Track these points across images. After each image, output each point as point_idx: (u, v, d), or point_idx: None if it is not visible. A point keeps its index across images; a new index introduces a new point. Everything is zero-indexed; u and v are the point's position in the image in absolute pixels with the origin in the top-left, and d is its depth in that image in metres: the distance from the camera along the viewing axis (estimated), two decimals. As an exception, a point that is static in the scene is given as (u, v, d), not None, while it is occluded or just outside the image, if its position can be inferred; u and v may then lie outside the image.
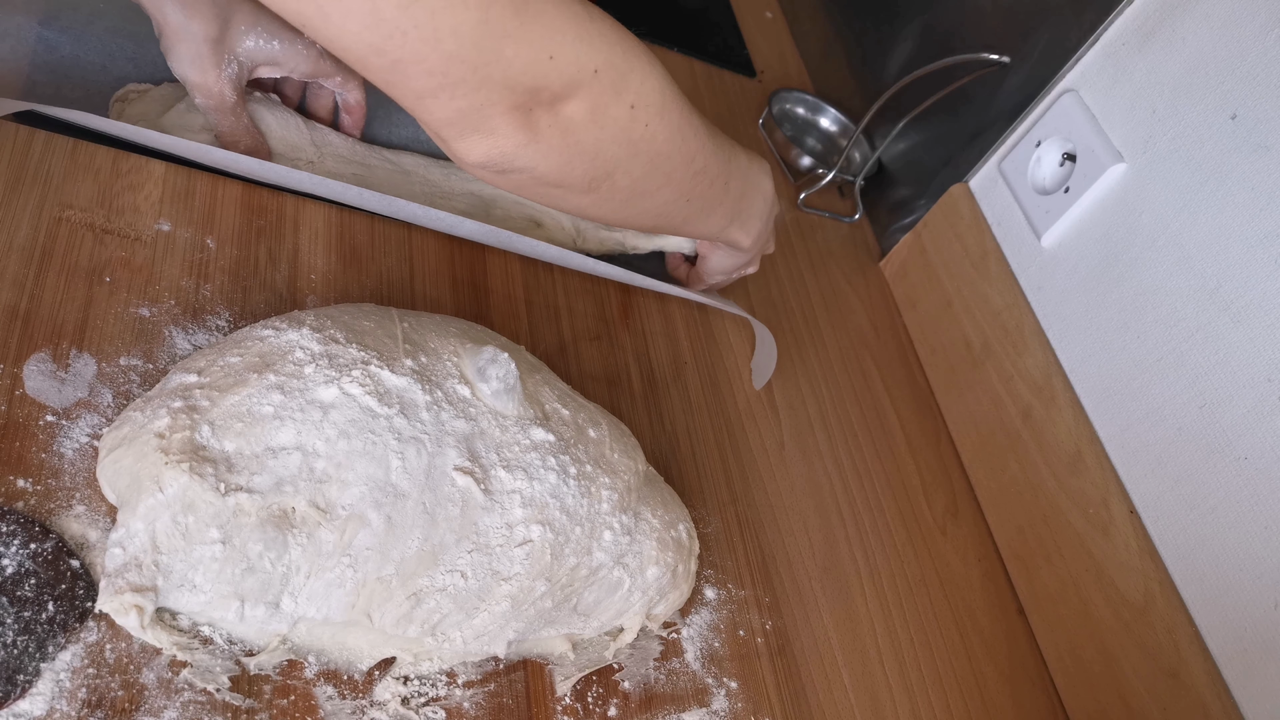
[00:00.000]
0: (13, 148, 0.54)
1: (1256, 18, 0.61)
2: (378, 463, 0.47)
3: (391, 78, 0.42)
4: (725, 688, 0.56)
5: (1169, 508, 0.64)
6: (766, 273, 0.83)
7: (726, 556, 0.62)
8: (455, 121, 0.44)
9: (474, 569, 0.47)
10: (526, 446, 0.50)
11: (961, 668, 0.67)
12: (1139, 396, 0.67)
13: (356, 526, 0.45)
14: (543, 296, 0.69)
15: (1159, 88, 0.67)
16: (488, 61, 0.42)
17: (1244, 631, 0.59)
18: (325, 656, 0.46)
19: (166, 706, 0.41)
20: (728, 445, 0.69)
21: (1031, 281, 0.77)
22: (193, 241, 0.57)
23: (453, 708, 0.47)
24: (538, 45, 0.43)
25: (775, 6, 1.16)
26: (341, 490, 0.45)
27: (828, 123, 1.02)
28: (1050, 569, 0.71)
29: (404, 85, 0.43)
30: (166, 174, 0.58)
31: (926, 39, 0.91)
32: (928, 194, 0.88)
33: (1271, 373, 0.59)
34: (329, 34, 0.41)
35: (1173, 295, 0.65)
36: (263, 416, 0.45)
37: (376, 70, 0.42)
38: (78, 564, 0.43)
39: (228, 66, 0.57)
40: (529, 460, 0.50)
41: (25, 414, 0.46)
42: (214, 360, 0.48)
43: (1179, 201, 0.65)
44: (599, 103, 0.47)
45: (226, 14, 0.56)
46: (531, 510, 0.49)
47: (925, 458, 0.79)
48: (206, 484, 0.43)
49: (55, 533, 0.43)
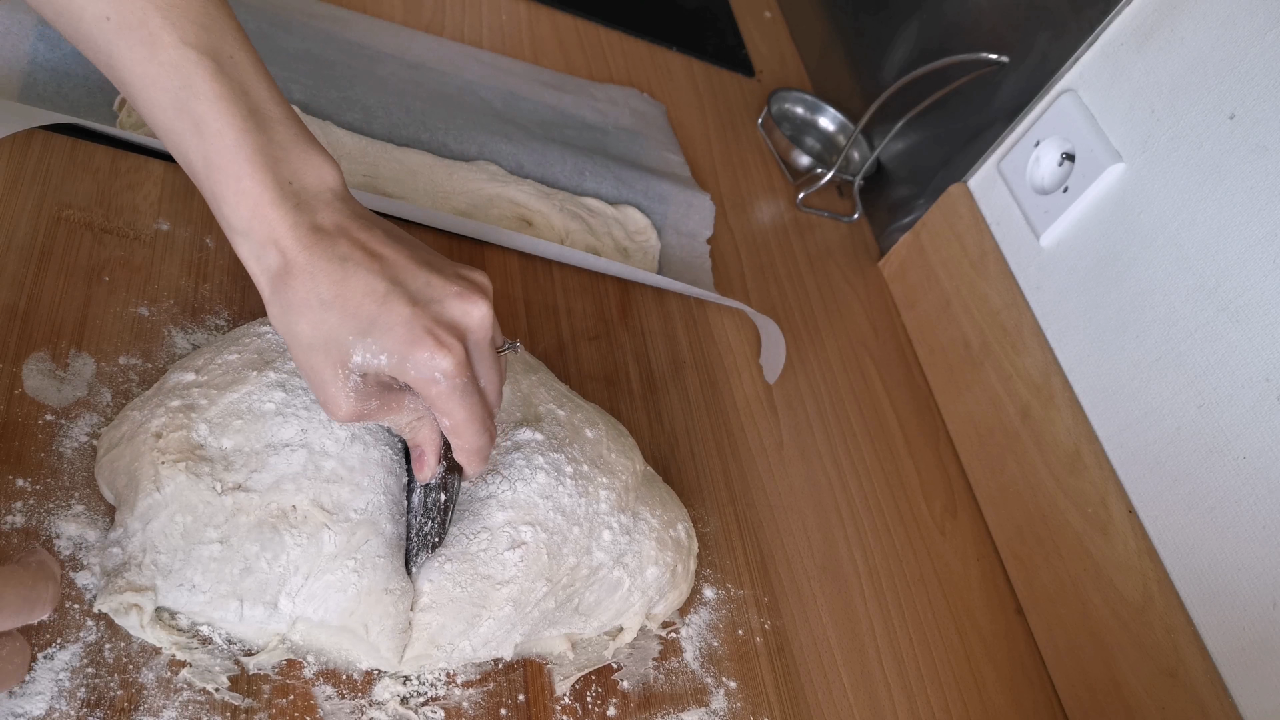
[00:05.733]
0: (12, 147, 0.54)
1: (1255, 18, 0.61)
2: (395, 477, 0.47)
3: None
4: (724, 687, 0.56)
5: (1167, 507, 0.64)
6: (766, 272, 0.84)
7: (725, 556, 0.62)
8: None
9: (458, 578, 0.47)
10: (506, 449, 0.50)
11: (960, 667, 0.67)
12: (1138, 396, 0.67)
13: (368, 533, 0.45)
14: (541, 296, 0.69)
15: (1157, 88, 0.67)
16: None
17: (1242, 631, 0.59)
18: (324, 656, 0.46)
19: (165, 706, 0.41)
20: (726, 445, 0.69)
21: (1030, 281, 0.77)
22: (192, 241, 0.57)
23: (452, 707, 0.47)
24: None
25: (774, 6, 1.16)
26: (355, 494, 0.45)
27: (827, 122, 1.02)
28: (1049, 568, 0.71)
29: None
30: (165, 173, 0.58)
31: (925, 39, 0.91)
32: (926, 194, 0.88)
33: (1270, 372, 0.59)
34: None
35: (1171, 295, 0.65)
36: (264, 413, 0.45)
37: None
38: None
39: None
40: (508, 461, 0.50)
41: (24, 413, 0.46)
42: (212, 358, 0.48)
43: (1177, 201, 0.65)
44: None
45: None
46: (515, 512, 0.48)
47: (924, 457, 0.79)
48: (203, 483, 0.43)
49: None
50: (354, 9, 0.79)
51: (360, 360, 0.41)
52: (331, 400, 0.42)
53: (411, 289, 0.42)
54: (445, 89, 0.77)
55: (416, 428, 0.45)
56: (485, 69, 0.82)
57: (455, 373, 0.42)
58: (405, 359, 0.41)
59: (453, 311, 0.42)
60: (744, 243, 0.85)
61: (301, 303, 0.41)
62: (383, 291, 0.41)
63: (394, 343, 0.41)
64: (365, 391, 0.42)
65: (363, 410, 0.43)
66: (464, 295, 0.43)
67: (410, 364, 0.41)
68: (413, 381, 0.42)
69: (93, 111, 0.60)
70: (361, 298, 0.41)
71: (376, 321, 0.41)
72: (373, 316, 0.41)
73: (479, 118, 0.75)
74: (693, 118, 0.94)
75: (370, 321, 0.41)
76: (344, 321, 0.41)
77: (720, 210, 0.85)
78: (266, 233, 0.41)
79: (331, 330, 0.41)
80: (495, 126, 0.75)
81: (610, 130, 0.84)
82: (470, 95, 0.78)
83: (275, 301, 0.41)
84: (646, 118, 0.89)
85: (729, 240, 0.84)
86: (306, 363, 0.42)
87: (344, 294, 0.41)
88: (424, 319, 0.41)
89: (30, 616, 0.34)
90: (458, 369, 0.42)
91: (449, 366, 0.41)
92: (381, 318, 0.41)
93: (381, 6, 0.82)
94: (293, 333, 0.42)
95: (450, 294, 0.42)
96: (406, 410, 0.45)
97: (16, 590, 0.33)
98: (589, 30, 0.95)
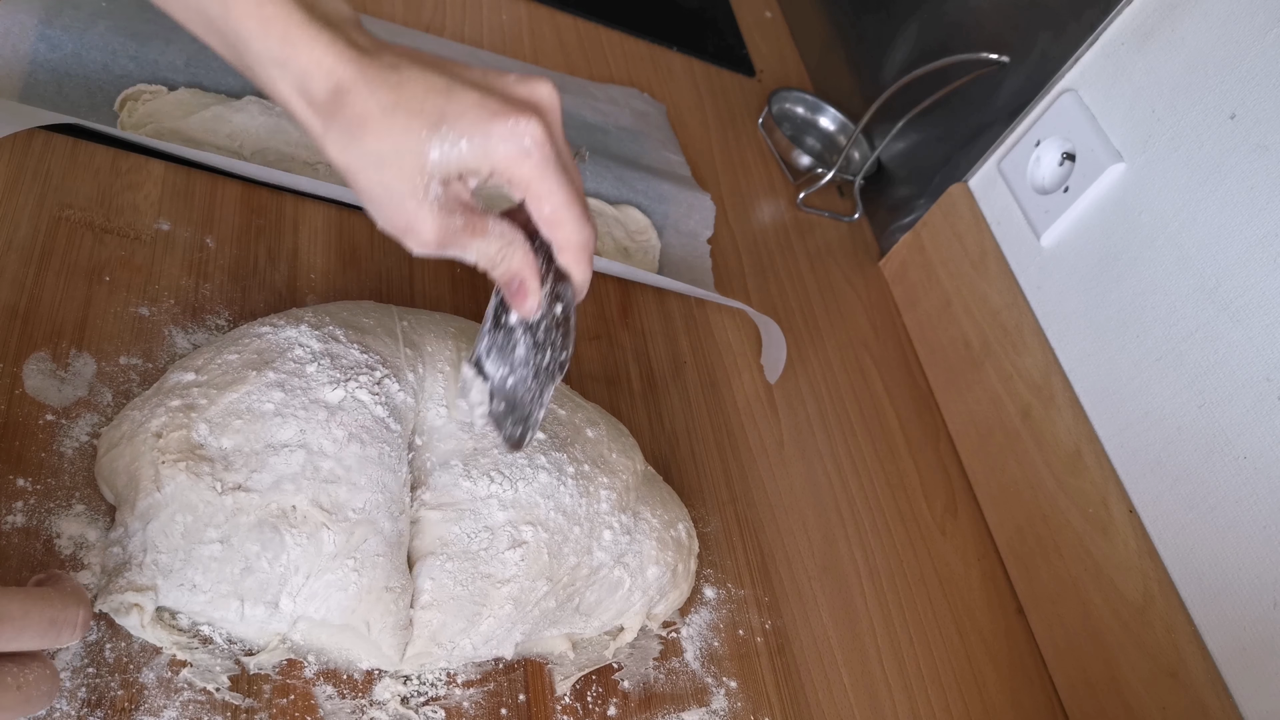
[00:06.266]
0: (12, 147, 0.54)
1: (1255, 17, 0.61)
2: (392, 474, 0.47)
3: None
4: (725, 687, 0.56)
5: (1168, 507, 0.64)
6: (766, 272, 0.84)
7: (726, 556, 0.62)
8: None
9: (459, 576, 0.47)
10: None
11: (960, 667, 0.67)
12: (1138, 396, 0.67)
13: (367, 532, 0.45)
14: (542, 296, 0.68)
15: (1158, 87, 0.67)
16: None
17: (1243, 630, 0.59)
18: (325, 656, 0.46)
19: (166, 706, 0.41)
20: (727, 445, 0.69)
21: (1031, 281, 0.77)
22: (192, 241, 0.57)
23: (452, 707, 0.47)
24: None
25: (775, 6, 1.16)
26: (352, 493, 0.45)
27: (827, 122, 1.02)
28: (1049, 568, 0.71)
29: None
30: (166, 173, 0.58)
31: (926, 39, 0.91)
32: (927, 193, 0.88)
33: (1270, 372, 0.59)
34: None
35: (1172, 295, 0.65)
36: (263, 414, 0.45)
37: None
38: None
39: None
40: (510, 460, 0.50)
41: (25, 413, 0.46)
42: (212, 358, 0.48)
43: (1178, 201, 0.65)
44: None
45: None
46: (516, 512, 0.49)
47: (924, 457, 0.79)
48: (203, 483, 0.43)
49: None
50: (354, 9, 0.79)
51: (438, 156, 0.38)
52: (415, 222, 0.39)
53: (471, 79, 0.40)
54: (445, 89, 0.77)
55: (508, 255, 0.42)
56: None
57: (545, 139, 0.39)
58: (488, 135, 0.38)
59: (520, 91, 0.40)
60: (744, 243, 0.85)
61: (362, 117, 0.38)
62: (444, 85, 0.39)
63: (470, 124, 0.38)
64: (449, 206, 0.40)
65: (448, 230, 0.40)
66: (524, 79, 0.40)
67: (496, 139, 0.39)
68: (501, 161, 0.39)
69: (93, 111, 0.60)
70: (425, 93, 0.38)
71: (446, 112, 0.38)
72: (441, 108, 0.38)
73: (479, 118, 0.75)
74: (693, 118, 0.94)
75: (440, 113, 0.38)
76: (412, 120, 0.38)
77: (721, 210, 0.85)
78: (307, 56, 0.38)
79: (401, 135, 0.38)
80: (495, 126, 0.75)
81: (610, 130, 0.84)
82: (470, 95, 0.78)
83: (332, 128, 0.39)
84: (647, 118, 0.89)
85: (729, 240, 0.84)
86: (380, 185, 0.39)
87: (405, 96, 0.38)
88: (494, 99, 0.39)
89: (57, 639, 0.33)
90: (546, 135, 0.39)
91: (538, 131, 0.39)
92: (451, 107, 0.38)
93: (381, 6, 0.82)
94: (359, 154, 0.39)
95: (510, 79, 0.40)
96: (493, 236, 0.41)
97: (44, 611, 0.33)
98: (589, 30, 0.95)
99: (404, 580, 0.46)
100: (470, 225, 0.40)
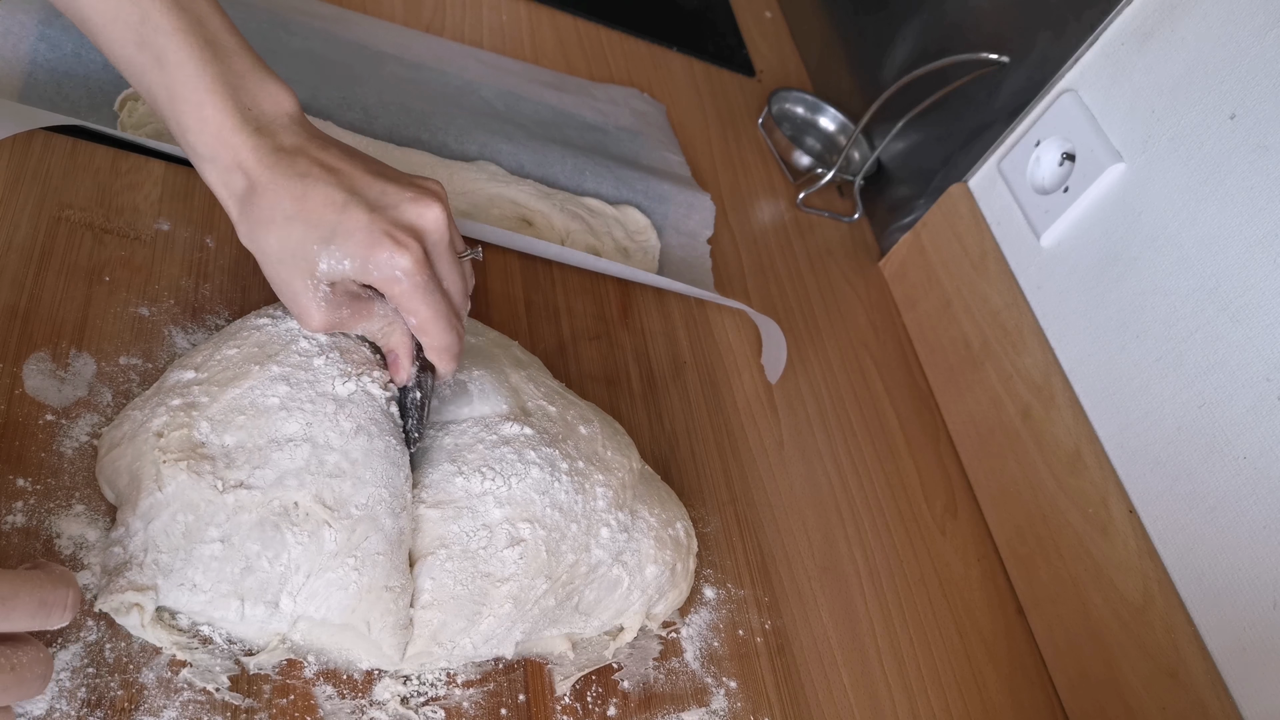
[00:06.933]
0: (12, 147, 0.54)
1: (1255, 18, 0.61)
2: (397, 468, 0.47)
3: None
4: (724, 687, 0.56)
5: (1168, 507, 0.64)
6: (766, 272, 0.84)
7: (726, 556, 0.62)
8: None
9: (459, 575, 0.47)
10: (494, 443, 0.50)
11: (960, 667, 0.67)
12: (1138, 396, 0.67)
13: (368, 529, 0.45)
14: (542, 296, 0.69)
15: (1158, 88, 0.67)
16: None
17: (1243, 630, 0.59)
18: (325, 656, 0.46)
19: (166, 706, 0.41)
20: (727, 445, 0.69)
21: (1031, 281, 0.77)
22: (192, 241, 0.57)
23: (452, 707, 0.47)
24: None
25: (775, 6, 1.16)
26: (356, 488, 0.45)
27: (827, 122, 1.02)
28: (1049, 568, 0.71)
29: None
30: (165, 173, 0.58)
31: (926, 39, 0.91)
32: (927, 194, 0.88)
33: (1270, 372, 0.59)
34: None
35: (1172, 295, 0.65)
36: (267, 408, 0.45)
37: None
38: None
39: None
40: (499, 456, 0.50)
41: (25, 413, 0.46)
42: (210, 355, 0.48)
43: (1178, 201, 0.65)
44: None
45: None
46: (512, 509, 0.48)
47: (924, 457, 0.79)
48: (205, 482, 0.43)
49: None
50: (354, 9, 0.79)
51: (326, 267, 0.44)
52: (304, 311, 0.45)
53: (369, 197, 0.44)
54: (445, 89, 0.77)
55: (388, 333, 0.49)
56: (485, 69, 0.82)
57: (415, 270, 0.44)
58: (367, 261, 0.43)
59: (408, 215, 0.45)
60: (744, 243, 0.85)
61: (267, 219, 0.43)
62: (341, 201, 0.43)
63: (355, 247, 0.43)
64: (335, 301, 0.45)
65: (334, 319, 0.46)
66: (418, 200, 0.45)
67: (372, 265, 0.44)
68: (376, 282, 0.44)
69: (93, 112, 0.60)
70: (322, 208, 0.43)
71: (337, 229, 0.43)
72: (333, 225, 0.43)
73: (479, 118, 0.75)
74: (693, 118, 0.94)
75: (332, 230, 0.43)
76: (307, 232, 0.43)
77: (720, 210, 0.85)
78: (231, 157, 0.43)
79: (297, 242, 0.43)
80: (495, 126, 0.75)
81: (610, 130, 0.84)
82: (470, 95, 0.78)
83: (243, 220, 0.44)
84: (647, 118, 0.89)
85: (729, 240, 0.84)
86: (277, 276, 0.45)
87: (306, 207, 0.43)
88: (382, 223, 0.44)
89: (47, 620, 0.34)
90: (417, 266, 0.44)
91: (408, 264, 0.44)
92: (342, 225, 0.43)
93: (381, 6, 0.82)
94: (261, 248, 0.44)
95: (405, 199, 0.45)
96: (377, 317, 0.48)
97: (33, 592, 0.33)
98: (589, 30, 0.95)
99: (404, 579, 0.46)
100: (356, 313, 0.47)
